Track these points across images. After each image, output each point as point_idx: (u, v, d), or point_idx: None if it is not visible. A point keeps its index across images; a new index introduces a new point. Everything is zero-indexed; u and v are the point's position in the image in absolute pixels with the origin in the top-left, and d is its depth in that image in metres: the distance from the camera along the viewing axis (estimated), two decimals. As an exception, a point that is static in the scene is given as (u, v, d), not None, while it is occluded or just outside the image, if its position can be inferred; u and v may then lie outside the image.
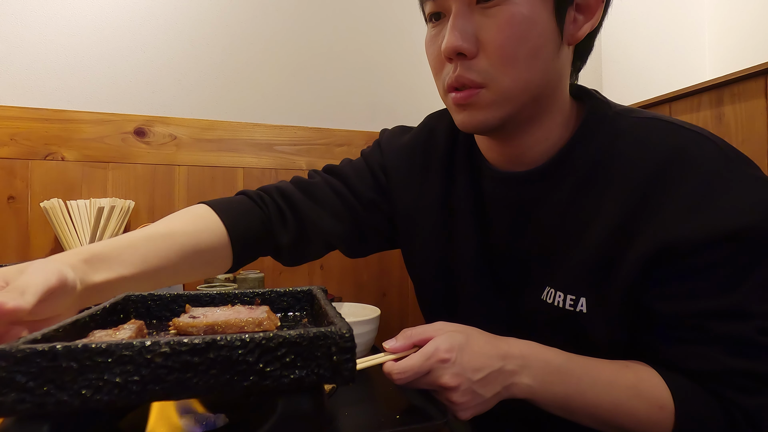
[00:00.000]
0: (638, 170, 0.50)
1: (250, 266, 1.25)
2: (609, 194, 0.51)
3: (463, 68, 0.50)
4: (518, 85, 0.50)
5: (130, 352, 0.28)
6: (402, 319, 1.40)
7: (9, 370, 0.27)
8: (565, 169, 0.55)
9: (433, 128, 0.71)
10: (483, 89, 0.51)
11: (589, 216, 0.53)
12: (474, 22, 0.50)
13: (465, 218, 0.64)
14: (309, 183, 0.70)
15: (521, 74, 0.50)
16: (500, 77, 0.50)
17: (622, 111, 0.56)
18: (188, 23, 1.23)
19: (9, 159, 1.07)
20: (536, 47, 0.50)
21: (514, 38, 0.49)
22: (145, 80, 1.19)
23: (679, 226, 0.47)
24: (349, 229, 0.70)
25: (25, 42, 1.10)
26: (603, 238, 0.51)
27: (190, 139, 1.21)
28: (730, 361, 0.47)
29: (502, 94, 0.51)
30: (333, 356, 0.31)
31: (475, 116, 0.53)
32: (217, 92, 1.25)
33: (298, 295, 0.50)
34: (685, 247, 0.47)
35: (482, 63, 0.50)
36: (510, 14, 0.48)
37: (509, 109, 0.52)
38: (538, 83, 0.52)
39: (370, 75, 1.40)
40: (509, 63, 0.49)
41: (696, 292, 0.48)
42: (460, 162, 0.66)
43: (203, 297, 0.48)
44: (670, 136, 0.50)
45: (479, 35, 0.50)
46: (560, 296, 0.54)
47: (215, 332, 0.38)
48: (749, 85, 1.08)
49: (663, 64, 1.71)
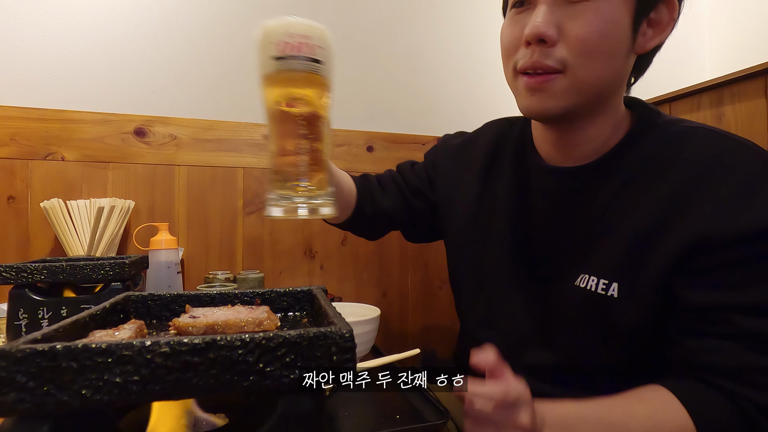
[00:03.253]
0: (682, 171, 0.53)
1: (250, 266, 1.25)
2: (651, 191, 0.54)
3: (541, 54, 0.53)
4: (592, 78, 0.53)
5: (130, 352, 0.28)
6: (402, 319, 1.41)
7: (9, 370, 0.27)
8: (613, 167, 0.58)
9: (483, 130, 0.79)
10: (560, 75, 0.53)
11: (629, 209, 0.55)
12: (560, 13, 0.52)
13: (505, 209, 0.69)
14: (383, 175, 0.85)
15: (597, 68, 0.53)
16: (578, 67, 0.52)
17: (671, 120, 0.59)
18: (188, 23, 1.23)
19: (9, 159, 1.07)
20: (614, 47, 0.53)
21: (598, 33, 0.52)
22: (145, 80, 1.19)
23: (715, 220, 0.49)
24: (400, 211, 0.82)
25: (25, 42, 1.10)
26: (640, 228, 0.53)
27: (190, 139, 1.21)
28: (751, 357, 0.48)
29: (576, 83, 0.53)
30: (333, 356, 0.31)
31: (543, 102, 0.55)
32: (217, 92, 1.25)
33: (298, 295, 0.50)
34: (718, 240, 0.49)
35: (561, 51, 0.52)
36: (597, 10, 0.51)
37: (577, 99, 0.54)
38: (607, 80, 0.55)
39: (370, 75, 1.40)
40: (589, 55, 0.52)
41: (726, 285, 0.49)
42: (508, 157, 0.71)
43: (203, 297, 0.48)
44: (714, 142, 0.53)
45: (563, 26, 0.52)
46: (593, 280, 0.56)
47: (215, 332, 0.38)
48: (749, 85, 1.08)
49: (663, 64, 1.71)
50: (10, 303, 0.71)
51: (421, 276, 1.42)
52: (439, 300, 1.44)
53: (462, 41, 1.49)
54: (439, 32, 1.46)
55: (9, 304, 0.71)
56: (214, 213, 1.23)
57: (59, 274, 0.71)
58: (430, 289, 1.43)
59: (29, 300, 0.70)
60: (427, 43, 1.45)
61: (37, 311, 0.70)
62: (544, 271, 0.64)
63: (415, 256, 1.42)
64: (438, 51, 1.46)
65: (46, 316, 0.71)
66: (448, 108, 1.48)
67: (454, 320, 1.45)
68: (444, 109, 1.47)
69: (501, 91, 1.54)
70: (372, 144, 1.37)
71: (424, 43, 1.45)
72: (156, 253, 0.95)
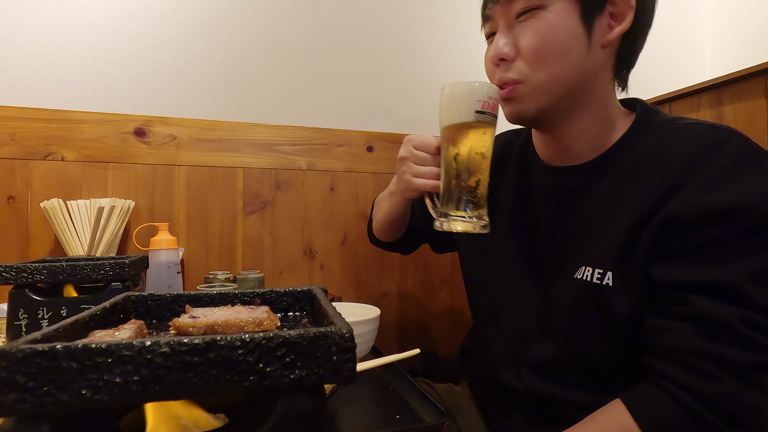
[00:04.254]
0: (672, 162, 0.55)
1: (250, 266, 1.25)
2: (645, 183, 0.56)
3: (504, 70, 0.62)
4: (551, 79, 0.59)
5: (130, 352, 0.28)
6: (402, 319, 1.40)
7: (9, 370, 0.27)
8: (610, 165, 0.61)
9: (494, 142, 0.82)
10: (520, 84, 0.61)
11: (625, 202, 0.57)
12: (514, 33, 0.61)
13: (509, 209, 0.72)
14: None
15: (553, 70, 0.59)
16: (534, 74, 0.59)
17: (669, 118, 0.61)
18: (188, 23, 1.23)
19: (9, 159, 1.07)
20: (564, 47, 0.58)
21: (545, 41, 0.58)
22: (145, 80, 1.19)
23: (688, 200, 0.51)
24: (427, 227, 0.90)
25: (25, 42, 1.10)
26: (633, 218, 0.55)
27: (190, 139, 1.21)
28: (699, 341, 0.48)
29: (536, 88, 0.60)
30: (333, 356, 0.31)
31: (515, 107, 0.62)
32: (217, 92, 1.25)
33: (298, 295, 0.50)
34: (689, 219, 0.50)
35: (519, 65, 0.60)
36: (540, 22, 0.58)
37: (545, 100, 0.60)
38: (569, 78, 0.59)
39: (370, 75, 1.40)
40: (542, 61, 0.59)
41: (691, 262, 0.50)
42: (512, 162, 0.75)
43: (203, 297, 0.48)
44: (704, 134, 0.55)
45: (518, 43, 0.60)
46: (589, 271, 0.58)
47: (215, 332, 0.38)
48: (749, 85, 1.08)
49: (663, 64, 1.71)
50: (10, 303, 0.70)
51: (421, 276, 1.42)
52: (439, 300, 1.45)
53: (462, 41, 1.49)
54: (439, 32, 1.46)
55: (9, 304, 0.71)
56: (214, 213, 1.23)
57: (59, 274, 0.71)
58: (430, 289, 1.44)
59: (29, 300, 0.70)
60: (427, 43, 1.45)
61: (37, 311, 0.70)
62: (546, 267, 0.66)
63: (415, 256, 1.41)
64: (438, 51, 1.46)
65: (46, 316, 0.71)
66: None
67: (454, 320, 1.46)
68: (444, 109, 1.47)
69: (501, 91, 1.54)
70: (372, 144, 1.37)
71: (424, 43, 1.45)
72: (156, 253, 0.96)
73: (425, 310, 1.43)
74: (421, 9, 1.45)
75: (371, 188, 1.37)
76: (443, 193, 0.61)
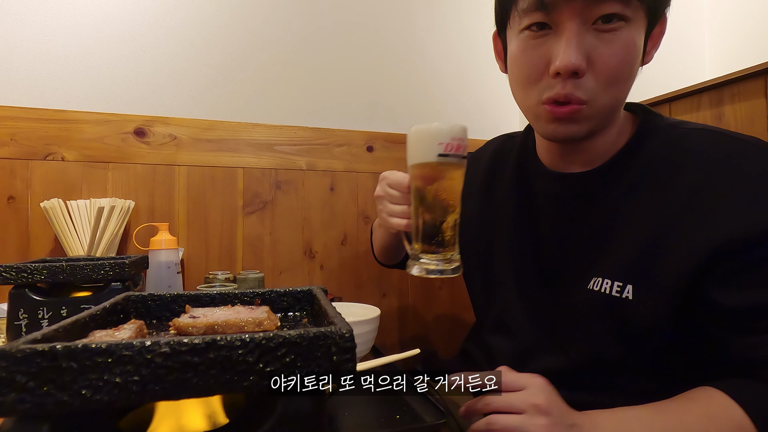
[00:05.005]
0: (688, 174, 0.53)
1: (250, 266, 1.25)
2: (657, 194, 0.55)
3: (573, 85, 0.53)
4: (614, 103, 0.55)
5: (130, 352, 0.28)
6: (402, 319, 1.40)
7: (9, 370, 0.27)
8: (618, 171, 0.59)
9: (485, 147, 0.82)
10: (585, 105, 0.54)
11: (637, 212, 0.56)
12: (588, 41, 0.52)
13: (509, 216, 0.70)
14: None
15: (618, 94, 0.55)
16: (602, 96, 0.54)
17: (674, 123, 0.60)
18: (188, 24, 1.23)
19: (9, 159, 1.07)
20: (633, 71, 0.54)
21: (626, 63, 0.53)
22: (145, 80, 1.19)
23: (734, 224, 0.50)
24: None
25: (25, 42, 1.10)
26: (650, 231, 0.54)
27: (190, 139, 1.21)
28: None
29: (599, 111, 0.55)
30: (333, 356, 0.31)
31: (569, 128, 0.56)
32: (217, 92, 1.25)
33: (298, 295, 0.50)
34: (742, 242, 0.50)
35: (589, 82, 0.53)
36: (626, 40, 0.52)
37: (597, 123, 0.56)
38: (623, 101, 0.57)
39: (370, 75, 1.40)
40: (614, 83, 0.53)
41: (757, 283, 0.50)
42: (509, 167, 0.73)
43: (203, 297, 0.48)
44: (717, 143, 0.54)
45: (591, 55, 0.52)
46: (607, 283, 0.57)
47: (215, 332, 0.38)
48: (749, 85, 1.08)
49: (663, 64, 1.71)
50: (10, 303, 0.71)
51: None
52: (439, 300, 1.44)
53: (462, 41, 1.49)
54: (439, 32, 1.46)
55: (9, 304, 0.71)
56: (214, 213, 1.23)
57: (59, 274, 0.71)
58: (430, 289, 1.43)
59: (29, 300, 0.70)
60: (427, 43, 1.45)
61: (37, 311, 0.70)
62: (553, 276, 0.65)
63: (415, 256, 1.42)
64: (438, 51, 1.46)
65: (46, 316, 0.71)
66: (448, 108, 1.48)
67: (454, 320, 1.46)
68: (444, 109, 1.48)
69: (501, 92, 1.54)
70: (372, 144, 1.37)
71: (425, 43, 1.45)
72: (156, 253, 0.96)
73: (425, 310, 1.43)
74: (421, 9, 1.45)
75: (371, 188, 1.37)
76: (413, 234, 0.60)
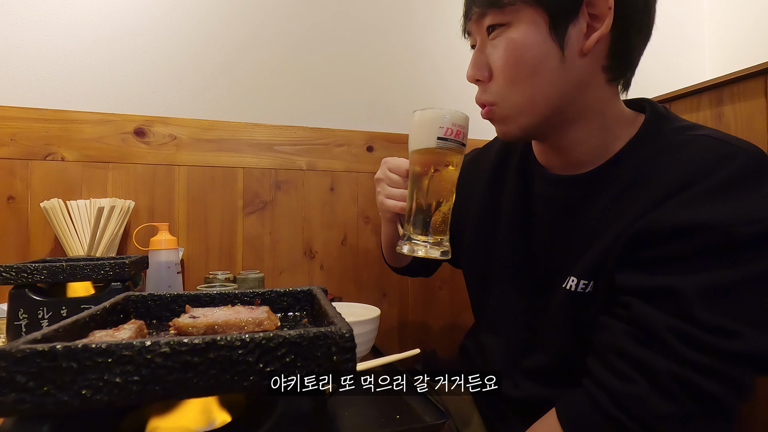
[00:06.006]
0: (670, 179, 0.52)
1: (250, 266, 1.25)
2: (640, 197, 0.54)
3: (481, 91, 0.61)
4: (526, 100, 0.57)
5: (130, 352, 0.28)
6: (402, 319, 1.40)
7: (9, 370, 0.27)
8: (611, 176, 0.59)
9: (492, 143, 0.82)
10: (495, 106, 0.60)
11: (618, 215, 0.56)
12: (488, 52, 0.59)
13: (508, 217, 0.71)
14: None
15: (527, 90, 0.57)
16: (509, 95, 0.58)
17: (680, 127, 0.57)
18: (188, 24, 1.23)
19: (9, 159, 1.07)
20: (534, 66, 0.56)
21: (512, 62, 0.56)
22: (145, 80, 1.19)
23: (666, 213, 0.50)
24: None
25: (25, 42, 1.10)
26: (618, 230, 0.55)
27: (190, 139, 1.21)
28: (624, 342, 0.49)
29: (513, 109, 0.58)
30: (333, 356, 0.31)
31: (499, 128, 0.62)
32: (217, 92, 1.25)
33: (298, 295, 0.50)
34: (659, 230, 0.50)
35: (494, 85, 0.59)
36: (505, 43, 0.56)
37: (526, 120, 0.59)
38: (549, 95, 0.57)
39: (370, 75, 1.40)
40: (513, 82, 0.57)
41: (650, 272, 0.50)
42: (513, 167, 0.73)
43: (203, 297, 0.48)
44: (709, 150, 0.52)
45: (490, 62, 0.59)
46: (573, 281, 0.59)
47: (215, 332, 0.38)
48: (749, 85, 1.08)
49: (663, 64, 1.71)
50: (10, 303, 0.70)
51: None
52: (439, 300, 1.44)
53: (462, 41, 1.49)
54: (439, 32, 1.46)
55: (9, 304, 0.71)
56: (214, 213, 1.23)
57: (59, 274, 0.71)
58: (430, 289, 1.43)
59: (29, 300, 0.70)
60: (427, 43, 1.45)
61: (37, 311, 0.70)
62: (541, 277, 0.66)
63: (415, 256, 1.42)
64: (438, 51, 1.46)
65: (46, 316, 0.71)
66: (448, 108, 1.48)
67: (454, 320, 1.46)
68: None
69: (501, 91, 1.53)
70: (372, 144, 1.37)
71: (425, 43, 1.45)
72: (156, 253, 0.95)
73: (425, 310, 1.43)
74: (421, 8, 1.45)
75: (371, 188, 1.37)
76: (407, 216, 0.63)
